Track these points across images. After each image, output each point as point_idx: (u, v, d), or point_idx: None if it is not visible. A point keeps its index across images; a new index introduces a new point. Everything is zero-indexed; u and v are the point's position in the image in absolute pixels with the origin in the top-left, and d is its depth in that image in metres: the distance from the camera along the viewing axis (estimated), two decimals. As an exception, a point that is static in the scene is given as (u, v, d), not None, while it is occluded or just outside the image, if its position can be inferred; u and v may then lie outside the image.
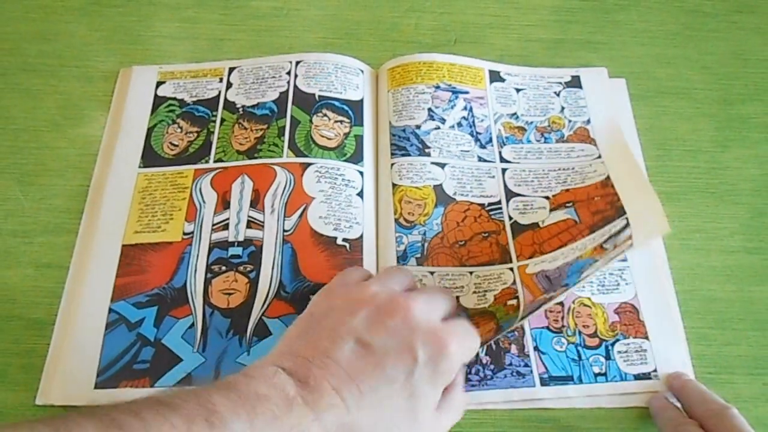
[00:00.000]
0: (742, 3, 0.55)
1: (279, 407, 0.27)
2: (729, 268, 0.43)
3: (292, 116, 0.46)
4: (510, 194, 0.44)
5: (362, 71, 0.49)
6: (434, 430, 0.33)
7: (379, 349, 0.30)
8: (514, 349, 0.39)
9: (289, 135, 0.45)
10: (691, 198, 0.45)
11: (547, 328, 0.39)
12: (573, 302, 0.40)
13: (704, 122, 0.49)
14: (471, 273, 0.41)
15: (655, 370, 0.38)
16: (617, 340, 0.39)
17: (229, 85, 0.48)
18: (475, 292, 0.40)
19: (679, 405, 0.37)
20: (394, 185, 0.44)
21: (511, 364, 0.38)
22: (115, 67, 0.49)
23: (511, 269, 0.41)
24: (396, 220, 0.42)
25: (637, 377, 0.38)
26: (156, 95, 0.48)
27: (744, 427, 0.33)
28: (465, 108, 0.47)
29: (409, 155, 0.45)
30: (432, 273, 0.41)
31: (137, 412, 0.25)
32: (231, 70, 0.49)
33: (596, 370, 0.38)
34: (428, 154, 0.45)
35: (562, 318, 0.40)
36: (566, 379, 0.38)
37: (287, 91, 0.47)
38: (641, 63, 0.51)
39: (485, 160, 0.45)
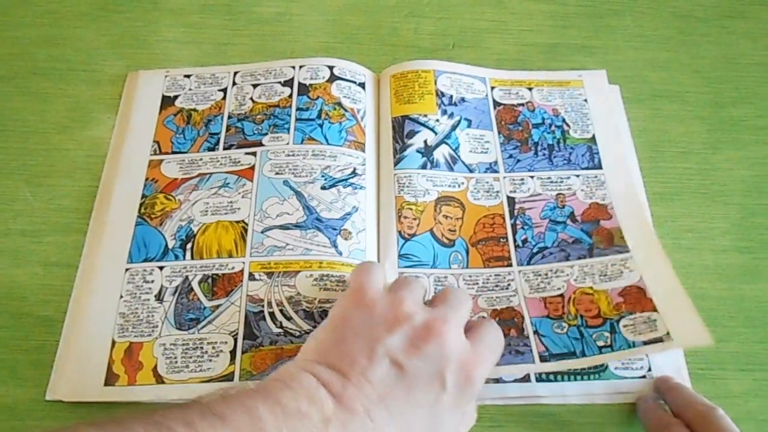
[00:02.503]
0: (733, 8, 0.56)
1: (317, 427, 0.28)
2: (720, 267, 0.43)
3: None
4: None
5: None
6: None
7: (411, 374, 0.31)
8: (513, 332, 0.38)
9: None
10: (684, 198, 0.46)
11: (547, 316, 0.39)
12: (574, 293, 0.40)
13: (696, 125, 0.50)
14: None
15: (668, 334, 0.37)
16: (622, 317, 0.38)
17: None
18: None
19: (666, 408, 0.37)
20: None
21: (509, 345, 0.38)
22: (122, 70, 0.50)
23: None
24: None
25: (646, 343, 0.37)
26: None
27: (731, 427, 0.33)
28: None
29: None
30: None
31: (190, 422, 0.25)
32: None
33: (600, 344, 0.38)
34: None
35: (562, 307, 0.39)
36: (569, 355, 0.37)
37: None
38: (635, 67, 0.52)
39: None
